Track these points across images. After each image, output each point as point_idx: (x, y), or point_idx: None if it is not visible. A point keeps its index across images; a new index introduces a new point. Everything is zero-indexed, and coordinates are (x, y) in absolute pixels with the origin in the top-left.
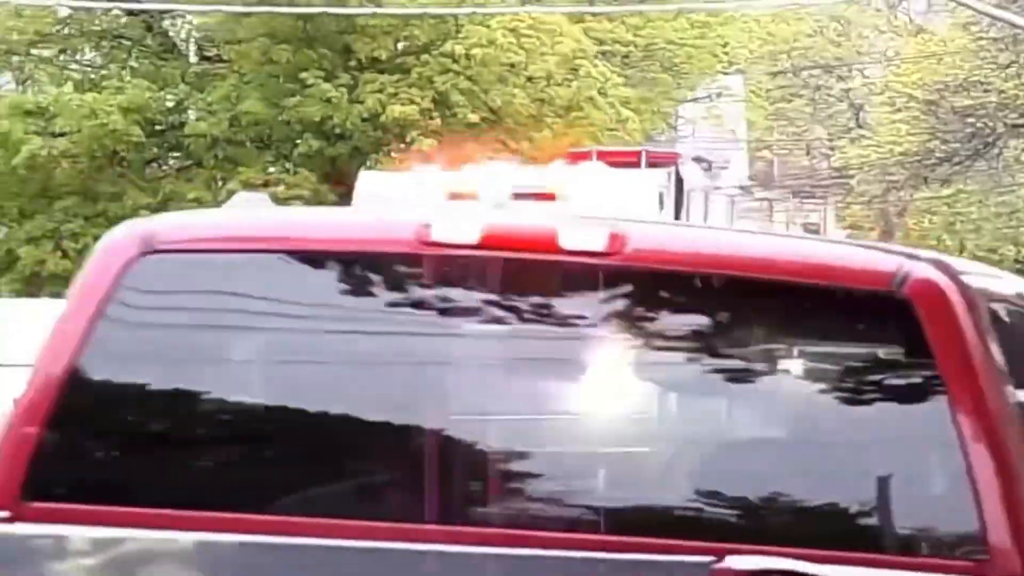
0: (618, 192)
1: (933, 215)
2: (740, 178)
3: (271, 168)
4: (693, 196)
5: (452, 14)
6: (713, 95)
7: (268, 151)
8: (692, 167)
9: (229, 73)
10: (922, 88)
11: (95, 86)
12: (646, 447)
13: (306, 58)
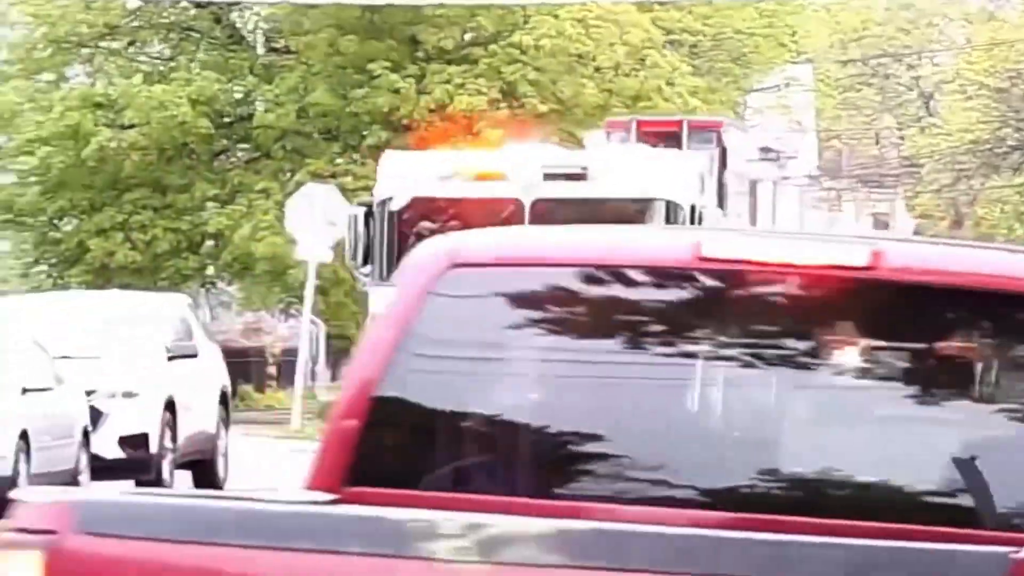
0: (653, 174)
1: (1004, 204)
2: (809, 168)
3: (338, 159)
4: (761, 186)
5: (520, 4)
6: (781, 84)
7: (336, 142)
8: (737, 135)
9: (296, 64)
10: (993, 76)
11: (164, 78)
12: (921, 448)
13: (373, 49)
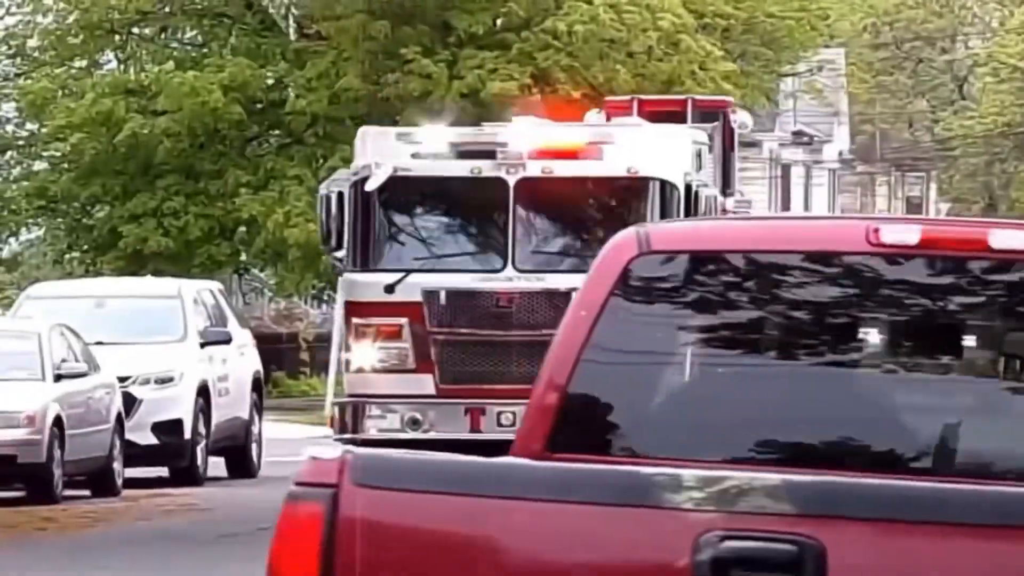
0: (645, 151)
1: None
2: (842, 152)
3: None
4: (794, 170)
5: None
6: (814, 68)
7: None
8: (745, 117)
9: (328, 50)
10: None
11: (196, 64)
12: None
13: (405, 34)
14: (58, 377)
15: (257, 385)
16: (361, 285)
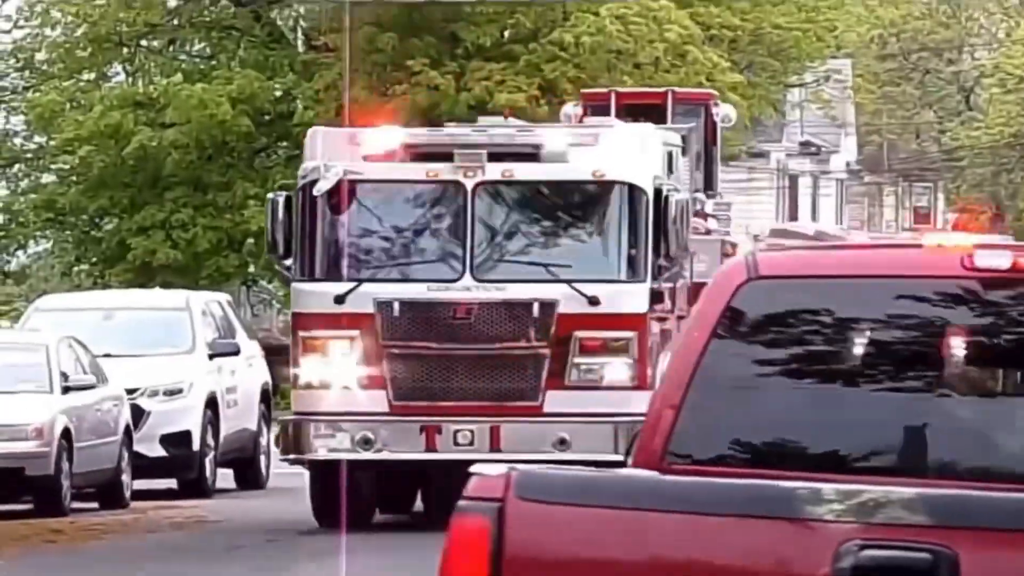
0: (615, 152)
1: None
2: (849, 162)
3: None
4: (801, 180)
5: (560, 1)
6: (821, 79)
7: None
8: (728, 110)
9: (336, 62)
10: None
11: (204, 77)
12: None
13: (412, 46)
14: (66, 389)
15: (265, 397)
16: (309, 295)
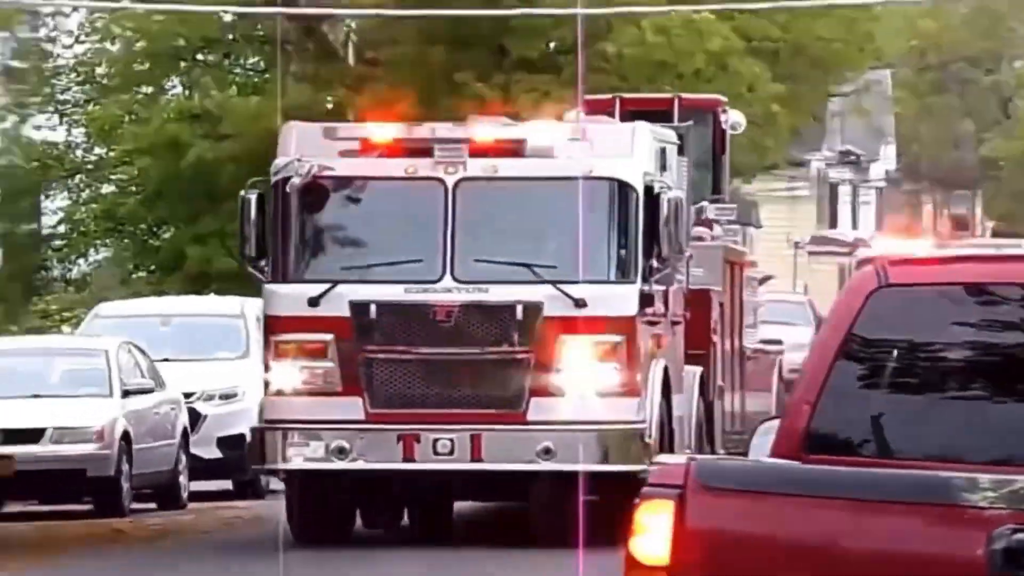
0: (603, 148)
1: None
2: (888, 171)
3: None
4: (841, 189)
5: (603, 15)
6: (861, 89)
7: None
8: (737, 116)
9: (386, 75)
10: None
11: (258, 90)
12: None
13: (460, 59)
14: (126, 393)
15: None
16: (282, 297)
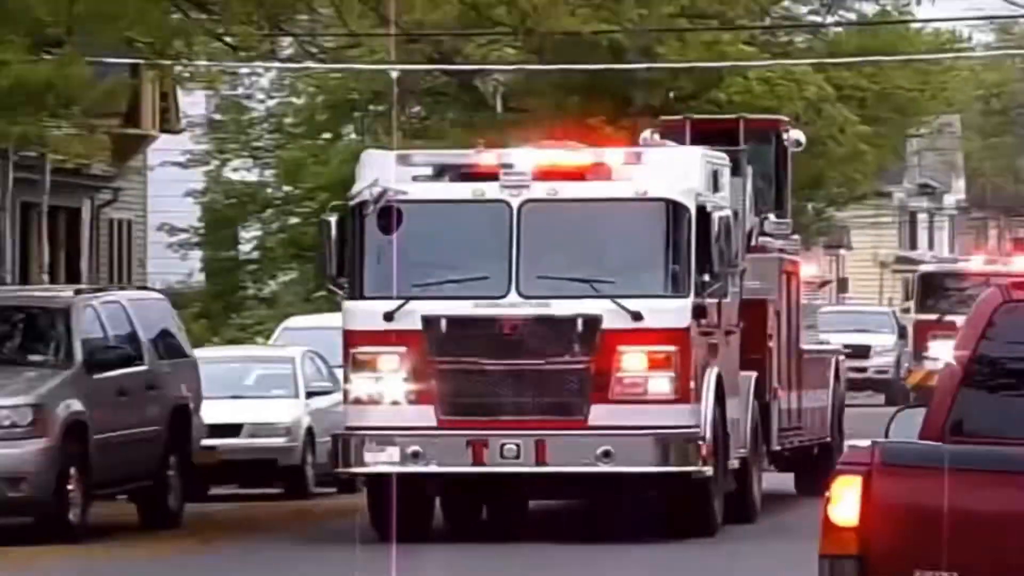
0: (657, 171)
1: None
2: (959, 200)
3: None
4: (919, 216)
5: (715, 68)
6: (935, 131)
7: None
8: (798, 135)
9: (529, 121)
10: None
11: (419, 135)
12: None
13: (593, 107)
14: (309, 394)
15: None
16: (359, 313)
